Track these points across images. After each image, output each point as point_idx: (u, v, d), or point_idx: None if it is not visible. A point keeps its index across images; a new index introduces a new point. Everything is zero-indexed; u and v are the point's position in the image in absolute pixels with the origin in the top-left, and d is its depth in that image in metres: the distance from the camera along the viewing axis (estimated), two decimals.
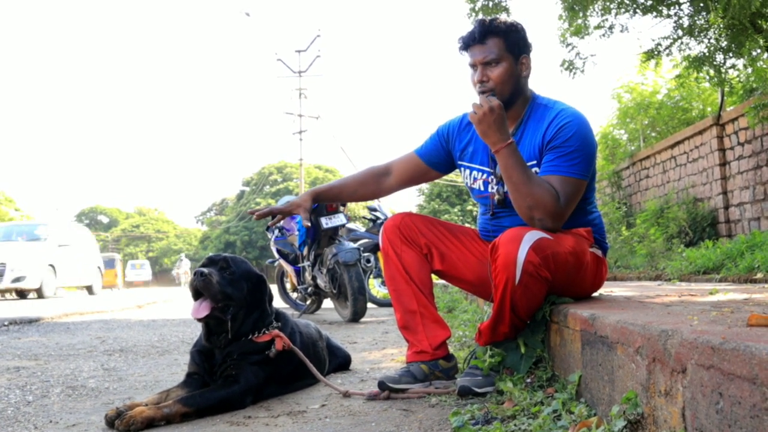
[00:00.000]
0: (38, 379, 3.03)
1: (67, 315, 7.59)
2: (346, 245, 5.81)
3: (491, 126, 2.19)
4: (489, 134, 2.21)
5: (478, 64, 2.34)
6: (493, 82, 2.32)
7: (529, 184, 2.17)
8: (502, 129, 2.19)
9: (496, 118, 2.18)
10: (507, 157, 2.19)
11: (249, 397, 2.29)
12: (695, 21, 6.57)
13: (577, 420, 1.60)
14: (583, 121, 2.29)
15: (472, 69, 2.39)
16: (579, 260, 2.23)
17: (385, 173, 2.69)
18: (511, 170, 2.19)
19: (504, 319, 2.16)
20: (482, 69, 2.33)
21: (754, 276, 4.69)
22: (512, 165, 2.19)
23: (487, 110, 2.18)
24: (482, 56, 2.33)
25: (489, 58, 2.32)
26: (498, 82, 2.32)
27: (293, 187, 47.54)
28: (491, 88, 2.32)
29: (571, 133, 2.24)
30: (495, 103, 2.19)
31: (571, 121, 2.26)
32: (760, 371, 0.92)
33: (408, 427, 1.87)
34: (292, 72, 30.29)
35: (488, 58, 2.32)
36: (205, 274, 2.30)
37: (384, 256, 2.52)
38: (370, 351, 3.76)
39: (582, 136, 2.25)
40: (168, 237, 75.81)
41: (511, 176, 2.19)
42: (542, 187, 2.17)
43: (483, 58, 2.33)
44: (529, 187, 2.16)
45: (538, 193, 2.16)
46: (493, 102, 2.19)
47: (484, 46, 2.34)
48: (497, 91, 2.32)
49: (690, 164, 8.72)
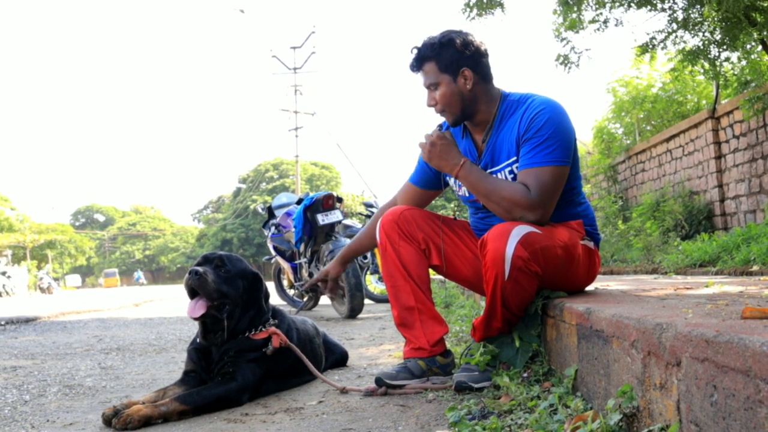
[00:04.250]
0: (35, 378, 3.03)
1: (63, 314, 7.58)
2: (343, 242, 5.81)
3: (441, 158, 2.34)
4: (441, 165, 2.36)
5: (426, 87, 2.42)
6: (440, 105, 2.40)
7: (497, 190, 2.23)
8: (450, 156, 2.32)
9: (440, 150, 2.33)
10: (466, 177, 2.30)
11: (246, 394, 2.29)
12: (689, 14, 6.57)
13: (574, 414, 1.61)
14: (554, 108, 2.28)
15: None
16: (570, 253, 2.23)
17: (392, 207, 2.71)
18: (476, 185, 2.28)
19: (496, 315, 2.17)
20: (429, 93, 2.41)
21: (750, 269, 4.70)
22: (474, 181, 2.28)
23: (429, 147, 2.35)
24: (424, 82, 2.41)
25: (428, 83, 2.40)
26: (443, 103, 2.39)
27: (289, 184, 47.46)
28: (441, 109, 2.41)
29: (543, 121, 2.24)
30: (434, 137, 2.34)
31: (542, 110, 2.26)
32: (754, 363, 0.93)
33: (405, 423, 1.88)
34: (288, 69, 30.22)
35: (427, 83, 2.40)
36: (200, 272, 2.30)
37: (381, 251, 2.51)
38: (367, 347, 3.76)
39: (555, 123, 2.24)
40: (164, 235, 75.70)
41: (478, 190, 2.29)
42: (510, 186, 2.22)
43: (425, 83, 2.41)
44: (498, 193, 2.23)
45: (507, 195, 2.20)
46: (433, 137, 2.35)
47: (423, 72, 2.41)
48: (447, 110, 2.40)
49: (685, 157, 8.73)
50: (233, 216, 52.40)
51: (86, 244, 59.05)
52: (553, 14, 7.12)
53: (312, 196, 5.92)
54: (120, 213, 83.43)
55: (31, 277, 37.33)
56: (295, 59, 30.21)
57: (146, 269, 72.96)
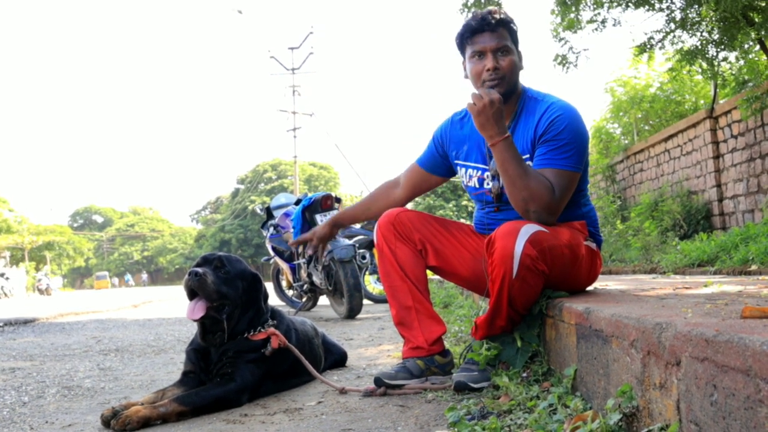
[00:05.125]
0: (34, 379, 3.02)
1: (62, 315, 7.57)
2: (342, 242, 5.81)
3: (489, 119, 2.17)
4: (487, 127, 2.19)
5: (489, 51, 2.31)
6: (503, 70, 2.31)
7: (525, 177, 2.17)
8: (499, 122, 2.19)
9: (495, 111, 2.17)
10: (503, 151, 2.19)
11: (245, 395, 2.29)
12: (687, 14, 6.57)
13: (573, 414, 1.61)
14: (573, 114, 2.29)
15: (477, 57, 2.34)
16: (574, 253, 2.24)
17: (395, 185, 2.76)
18: (507, 164, 2.19)
19: (501, 313, 2.16)
20: (493, 56, 2.31)
21: (749, 268, 4.70)
22: (508, 159, 2.19)
23: (487, 102, 2.16)
24: (495, 43, 2.31)
25: (502, 45, 2.31)
26: (508, 70, 2.32)
27: (288, 184, 47.45)
28: (502, 76, 2.30)
29: (562, 126, 2.24)
30: (495, 96, 2.18)
31: (561, 114, 2.26)
32: (754, 363, 0.93)
33: (404, 423, 1.88)
34: (286, 69, 30.22)
35: (502, 44, 2.31)
36: (199, 273, 2.29)
37: (379, 252, 2.52)
38: (366, 347, 3.76)
39: (573, 129, 2.25)
40: (163, 236, 75.66)
41: (507, 169, 2.19)
42: (538, 179, 2.18)
43: (496, 44, 2.31)
44: (525, 180, 2.17)
45: (533, 186, 2.16)
46: (493, 95, 2.18)
47: (496, 33, 2.32)
48: (507, 79, 2.31)
49: (684, 157, 8.74)
50: (231, 217, 52.39)
51: (84, 245, 59.04)
52: (551, 14, 7.12)
53: (310, 197, 5.92)
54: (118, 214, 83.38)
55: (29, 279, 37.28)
56: (293, 60, 30.24)
57: (145, 270, 72.94)
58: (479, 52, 2.33)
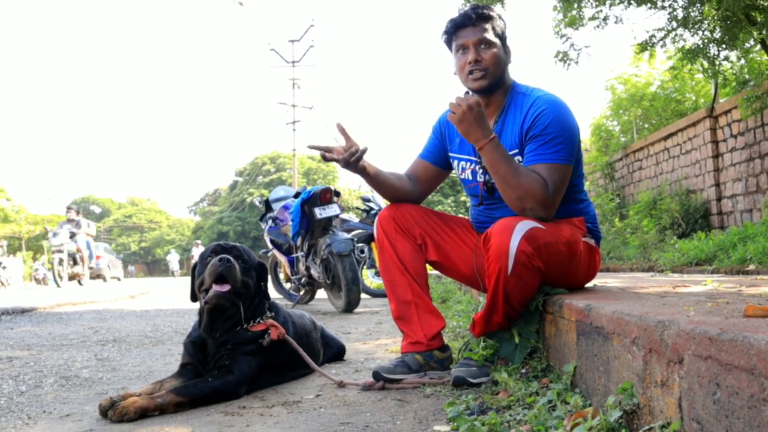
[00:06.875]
0: (31, 369, 3.02)
1: (59, 305, 7.56)
2: (340, 236, 5.80)
3: (472, 124, 2.18)
4: (470, 132, 2.20)
5: (471, 45, 2.34)
6: (486, 63, 2.32)
7: (517, 176, 2.17)
8: (482, 125, 2.19)
9: (476, 115, 2.18)
10: (491, 152, 2.19)
11: (243, 387, 2.29)
12: (690, 13, 6.56)
13: (573, 410, 1.61)
14: (559, 106, 2.27)
15: (461, 52, 2.37)
16: (572, 250, 2.23)
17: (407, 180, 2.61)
18: (496, 164, 2.19)
19: (497, 309, 2.16)
20: (475, 49, 2.33)
21: (747, 267, 4.71)
22: (497, 159, 2.19)
23: (466, 108, 2.17)
24: (476, 37, 2.33)
25: (483, 38, 2.33)
26: (491, 63, 2.33)
27: (286, 177, 47.41)
28: (485, 68, 2.32)
29: (548, 120, 2.23)
30: (472, 100, 2.18)
31: (546, 109, 2.25)
32: (759, 362, 0.92)
33: (403, 417, 1.87)
34: (286, 62, 30.17)
35: (482, 37, 2.33)
36: (230, 261, 2.33)
37: (379, 246, 2.52)
38: (364, 341, 3.76)
39: (560, 122, 2.24)
40: (161, 227, 75.56)
41: (497, 170, 2.20)
42: (529, 176, 2.17)
43: (477, 38, 2.33)
44: (516, 179, 2.17)
45: (526, 183, 2.16)
46: (470, 99, 2.19)
47: (478, 27, 2.34)
48: (489, 72, 2.33)
49: (683, 156, 8.74)
50: (230, 209, 52.35)
51: None
52: (553, 11, 7.12)
53: (309, 190, 5.90)
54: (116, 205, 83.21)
55: (27, 268, 37.25)
56: (293, 52, 30.19)
57: (142, 261, 72.84)
58: (462, 46, 2.37)
